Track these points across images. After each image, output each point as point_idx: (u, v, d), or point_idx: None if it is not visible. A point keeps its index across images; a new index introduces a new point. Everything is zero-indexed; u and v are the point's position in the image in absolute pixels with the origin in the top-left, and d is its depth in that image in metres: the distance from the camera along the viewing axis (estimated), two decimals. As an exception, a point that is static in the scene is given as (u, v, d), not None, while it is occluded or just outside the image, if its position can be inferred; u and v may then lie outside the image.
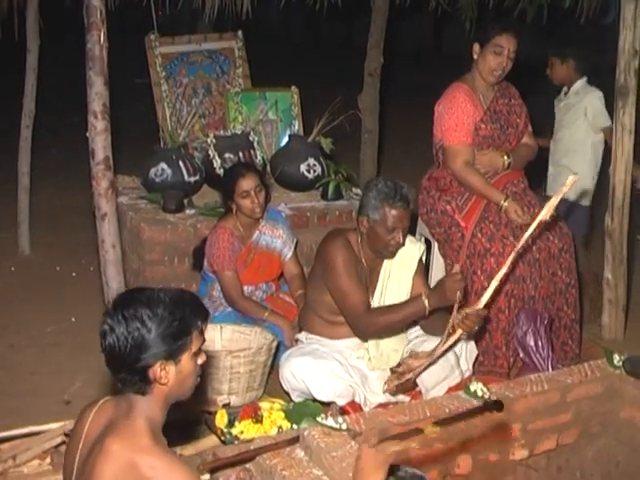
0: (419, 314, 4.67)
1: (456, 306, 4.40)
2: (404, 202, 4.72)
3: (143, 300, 2.77)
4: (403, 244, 4.86)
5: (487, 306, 4.49)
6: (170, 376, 2.80)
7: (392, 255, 4.93)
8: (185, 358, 2.82)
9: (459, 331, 4.47)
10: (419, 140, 7.07)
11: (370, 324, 4.73)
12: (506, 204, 5.41)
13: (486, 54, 5.46)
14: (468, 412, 3.01)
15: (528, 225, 5.38)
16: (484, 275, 5.32)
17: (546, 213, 4.20)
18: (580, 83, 6.85)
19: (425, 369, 4.72)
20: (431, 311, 4.59)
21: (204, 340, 2.91)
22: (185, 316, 2.79)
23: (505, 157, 5.55)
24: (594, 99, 6.78)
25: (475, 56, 5.53)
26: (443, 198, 5.62)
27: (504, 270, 4.33)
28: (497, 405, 2.89)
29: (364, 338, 4.90)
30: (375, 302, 4.98)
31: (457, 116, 5.48)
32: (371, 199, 4.75)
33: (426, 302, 4.56)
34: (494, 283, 4.28)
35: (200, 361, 2.91)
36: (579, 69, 6.81)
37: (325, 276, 4.86)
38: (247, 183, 5.61)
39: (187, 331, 2.80)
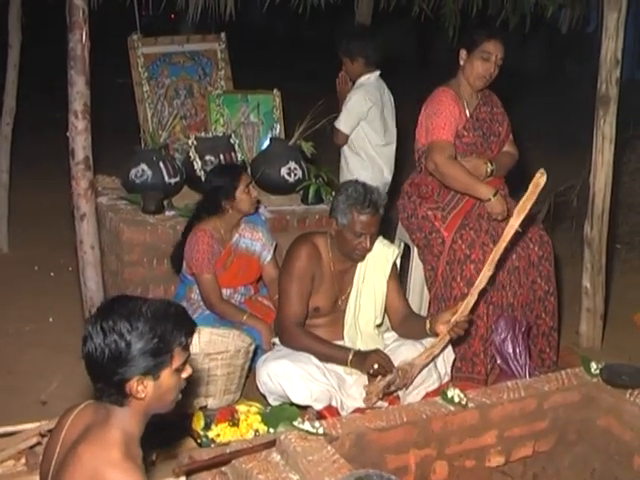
0: (339, 362, 4.82)
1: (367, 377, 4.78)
2: (373, 208, 4.74)
3: (124, 312, 2.72)
4: (370, 249, 4.89)
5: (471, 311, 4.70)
6: (148, 391, 2.75)
7: (361, 259, 4.96)
8: (165, 374, 2.77)
9: (447, 336, 4.63)
10: (401, 144, 7.07)
11: (292, 338, 4.84)
12: (495, 199, 5.40)
13: (473, 60, 5.48)
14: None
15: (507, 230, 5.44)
16: (464, 282, 5.33)
17: (522, 212, 4.32)
18: (374, 77, 6.79)
19: (414, 378, 4.78)
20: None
21: (189, 355, 2.86)
22: (166, 332, 2.73)
23: (488, 164, 5.56)
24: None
25: (461, 62, 5.54)
26: (424, 204, 5.63)
27: (490, 273, 4.43)
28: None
29: (285, 345, 4.92)
30: (351, 306, 5.00)
31: (445, 116, 5.48)
32: (340, 203, 4.78)
33: (350, 358, 4.74)
34: (483, 280, 4.50)
35: (185, 375, 2.87)
36: (369, 63, 6.73)
37: (280, 276, 4.96)
38: (247, 178, 5.72)
39: (167, 348, 2.75)
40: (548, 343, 5.69)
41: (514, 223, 4.45)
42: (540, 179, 4.38)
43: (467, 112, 5.60)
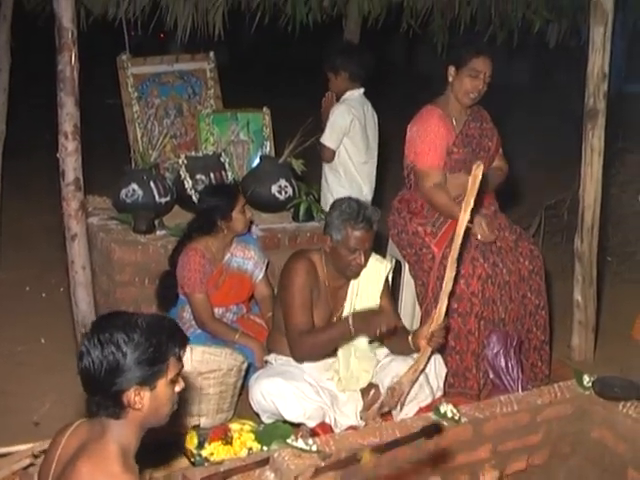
0: (345, 335, 4.71)
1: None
2: (367, 224, 4.74)
3: (119, 324, 2.76)
4: (365, 265, 4.89)
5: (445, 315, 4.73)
6: (145, 402, 2.78)
7: (355, 276, 4.96)
8: (161, 384, 2.81)
9: (429, 348, 4.62)
10: (391, 161, 7.09)
11: (301, 345, 4.76)
12: (476, 225, 5.41)
13: (462, 77, 5.49)
14: (407, 437, 3.02)
15: (497, 247, 5.46)
16: (454, 297, 5.32)
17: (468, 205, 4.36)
18: (358, 93, 6.80)
19: (406, 396, 4.78)
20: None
21: (182, 367, 2.90)
22: (161, 342, 2.78)
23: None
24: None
25: (450, 78, 5.56)
26: (415, 220, 5.64)
27: (453, 273, 4.52)
28: (436, 428, 2.90)
29: (298, 359, 4.87)
30: (344, 320, 5.00)
31: (430, 139, 5.49)
32: (334, 219, 4.79)
33: (351, 324, 4.61)
34: (449, 282, 4.59)
35: (178, 388, 2.90)
36: (354, 79, 6.74)
37: (279, 293, 4.94)
38: (242, 198, 5.74)
39: (163, 358, 2.79)
40: (540, 357, 5.70)
41: (462, 219, 4.47)
42: (477, 170, 4.40)
43: (456, 129, 5.61)
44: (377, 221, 4.85)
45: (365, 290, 5.04)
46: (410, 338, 4.79)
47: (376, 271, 5.05)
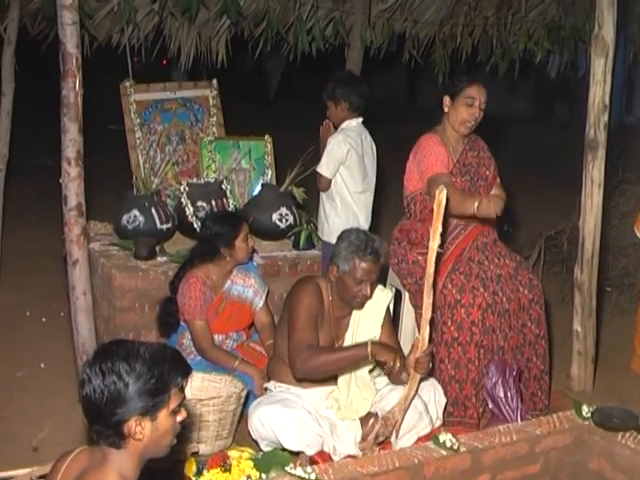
0: (359, 358, 4.69)
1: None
2: (374, 256, 4.76)
3: (122, 354, 2.76)
4: (371, 297, 4.90)
5: (430, 340, 4.71)
6: (146, 432, 2.78)
7: (360, 306, 4.96)
8: (162, 415, 2.80)
9: (417, 375, 4.64)
10: (392, 191, 7.11)
11: (306, 359, 4.65)
12: (479, 206, 5.31)
13: (458, 106, 5.52)
14: None
15: (497, 275, 5.46)
16: (454, 326, 5.34)
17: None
18: (356, 123, 6.77)
19: (401, 424, 4.78)
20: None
21: (184, 397, 2.90)
22: (163, 373, 2.78)
23: (476, 202, 5.49)
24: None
25: (446, 109, 5.59)
26: (415, 250, 5.65)
27: (430, 300, 4.58)
28: None
29: (299, 375, 4.79)
30: (345, 349, 5.00)
31: (435, 155, 5.49)
32: (342, 250, 4.79)
33: (369, 349, 4.58)
34: (428, 310, 4.59)
35: (180, 418, 2.89)
36: (353, 109, 6.73)
37: (288, 316, 4.88)
38: (246, 227, 5.75)
39: (165, 388, 2.79)
40: (539, 387, 5.69)
41: (432, 245, 4.47)
42: (440, 196, 4.38)
43: (453, 158, 5.63)
44: (384, 254, 4.87)
45: (366, 319, 5.05)
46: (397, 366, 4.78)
47: (378, 300, 5.06)
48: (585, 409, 4.50)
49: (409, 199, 5.70)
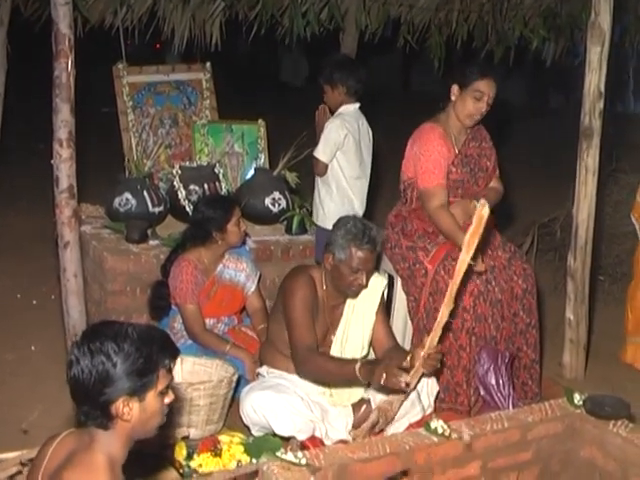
0: (349, 377, 4.63)
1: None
2: (371, 244, 4.73)
3: (110, 334, 2.74)
4: (366, 286, 4.87)
5: (440, 340, 4.64)
6: (133, 413, 2.76)
7: (355, 295, 4.93)
8: (150, 396, 2.79)
9: (421, 370, 4.55)
10: (386, 177, 7.09)
11: (307, 361, 4.69)
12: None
13: (465, 98, 5.46)
14: None
15: (491, 265, 5.45)
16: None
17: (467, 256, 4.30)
18: (354, 108, 6.73)
19: (396, 413, 4.77)
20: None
21: (172, 379, 2.88)
22: (152, 353, 2.76)
23: (474, 202, 5.47)
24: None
25: (453, 97, 5.51)
26: (405, 239, 5.61)
27: (449, 308, 4.45)
28: None
29: (301, 374, 4.83)
30: (338, 336, 4.98)
31: (434, 158, 5.45)
32: (339, 238, 4.76)
33: (357, 371, 4.53)
34: (444, 316, 4.46)
35: (167, 400, 2.88)
36: (351, 93, 6.67)
37: (284, 309, 4.86)
38: (238, 211, 5.74)
39: (153, 369, 2.77)
40: (530, 376, 5.68)
41: (464, 258, 4.40)
42: (482, 211, 4.23)
43: (455, 148, 5.59)
44: (381, 242, 4.84)
45: (361, 306, 5.02)
46: (408, 358, 4.72)
47: (372, 287, 5.03)
48: (577, 397, 4.48)
49: (406, 184, 5.67)
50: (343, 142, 6.46)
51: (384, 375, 4.41)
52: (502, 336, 5.50)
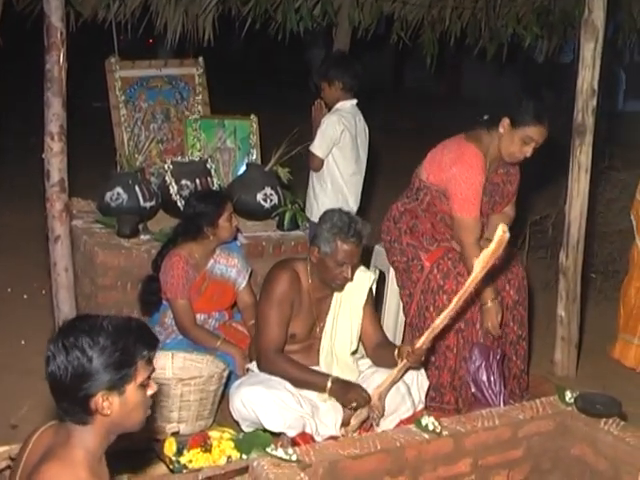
0: (317, 388, 4.79)
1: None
2: (357, 238, 4.72)
3: (85, 328, 2.70)
4: (351, 280, 4.87)
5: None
6: (114, 407, 2.72)
7: (340, 289, 4.94)
8: (130, 389, 2.74)
9: (405, 362, 4.67)
10: (379, 172, 7.09)
11: (270, 364, 4.81)
12: (490, 305, 5.31)
13: (514, 137, 5.27)
14: None
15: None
16: (436, 311, 5.25)
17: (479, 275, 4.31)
18: (350, 104, 6.72)
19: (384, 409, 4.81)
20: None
21: (153, 370, 2.83)
22: (128, 345, 2.71)
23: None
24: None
25: (501, 130, 5.29)
26: (407, 237, 5.55)
27: (447, 321, 4.56)
28: None
29: (263, 372, 4.87)
30: (327, 331, 4.97)
31: (475, 189, 5.28)
32: (324, 231, 4.75)
33: (329, 385, 4.71)
34: (439, 323, 4.55)
35: (150, 392, 2.83)
36: (347, 89, 6.67)
37: (258, 304, 4.94)
38: (230, 206, 5.72)
39: (131, 361, 2.72)
40: (518, 385, 5.68)
41: (477, 276, 4.41)
42: (504, 236, 4.31)
43: (486, 174, 5.40)
44: (367, 236, 4.83)
45: (348, 300, 5.02)
46: (397, 351, 4.77)
47: (360, 282, 5.02)
48: (568, 395, 4.48)
49: (422, 185, 5.50)
50: (339, 138, 6.46)
51: (354, 404, 4.69)
52: (491, 343, 5.45)
